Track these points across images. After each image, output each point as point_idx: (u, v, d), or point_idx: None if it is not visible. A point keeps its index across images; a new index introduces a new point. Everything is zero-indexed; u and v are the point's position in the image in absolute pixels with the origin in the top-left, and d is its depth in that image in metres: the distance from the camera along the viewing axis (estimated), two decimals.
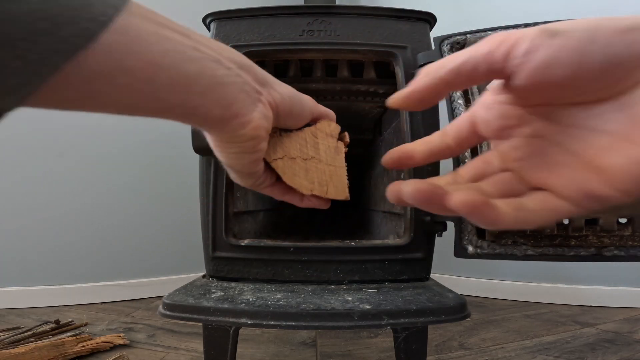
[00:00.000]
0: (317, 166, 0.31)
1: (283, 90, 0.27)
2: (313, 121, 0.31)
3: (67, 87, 0.19)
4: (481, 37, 0.54)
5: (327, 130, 0.32)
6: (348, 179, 0.32)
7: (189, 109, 0.23)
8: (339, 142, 0.33)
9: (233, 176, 0.29)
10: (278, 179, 0.30)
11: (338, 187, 0.31)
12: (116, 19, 0.18)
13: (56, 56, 0.17)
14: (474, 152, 0.52)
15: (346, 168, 0.32)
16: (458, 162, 0.52)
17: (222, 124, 0.24)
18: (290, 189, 0.30)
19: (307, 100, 0.30)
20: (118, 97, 0.20)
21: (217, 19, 0.61)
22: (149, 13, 0.21)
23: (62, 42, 0.17)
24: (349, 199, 0.31)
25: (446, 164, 0.57)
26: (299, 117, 0.29)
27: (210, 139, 0.26)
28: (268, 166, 0.29)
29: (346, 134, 0.33)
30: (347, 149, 0.33)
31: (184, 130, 0.58)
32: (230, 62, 0.24)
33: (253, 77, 0.25)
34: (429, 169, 0.58)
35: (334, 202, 0.31)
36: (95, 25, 0.18)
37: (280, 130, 0.30)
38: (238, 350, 0.50)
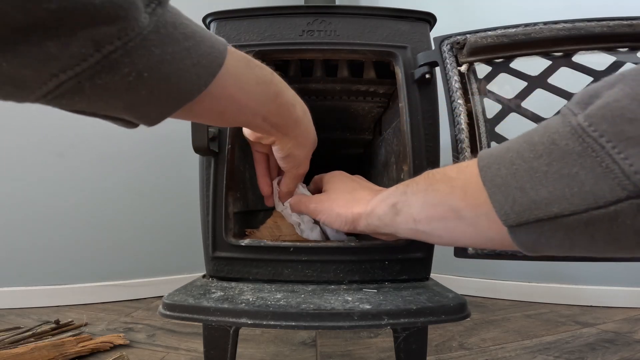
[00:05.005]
0: (284, 238, 0.60)
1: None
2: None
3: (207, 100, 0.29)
4: (481, 37, 0.54)
5: (280, 215, 0.60)
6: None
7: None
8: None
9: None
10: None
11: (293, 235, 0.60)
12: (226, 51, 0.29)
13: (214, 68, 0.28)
14: (473, 139, 0.52)
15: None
16: (457, 152, 0.52)
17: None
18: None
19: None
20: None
21: (217, 19, 0.61)
22: (239, 56, 0.32)
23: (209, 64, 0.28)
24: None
25: (445, 160, 0.57)
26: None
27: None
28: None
29: None
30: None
31: (184, 130, 0.58)
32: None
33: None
34: (429, 169, 0.58)
35: None
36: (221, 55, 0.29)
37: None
38: (238, 350, 0.50)
